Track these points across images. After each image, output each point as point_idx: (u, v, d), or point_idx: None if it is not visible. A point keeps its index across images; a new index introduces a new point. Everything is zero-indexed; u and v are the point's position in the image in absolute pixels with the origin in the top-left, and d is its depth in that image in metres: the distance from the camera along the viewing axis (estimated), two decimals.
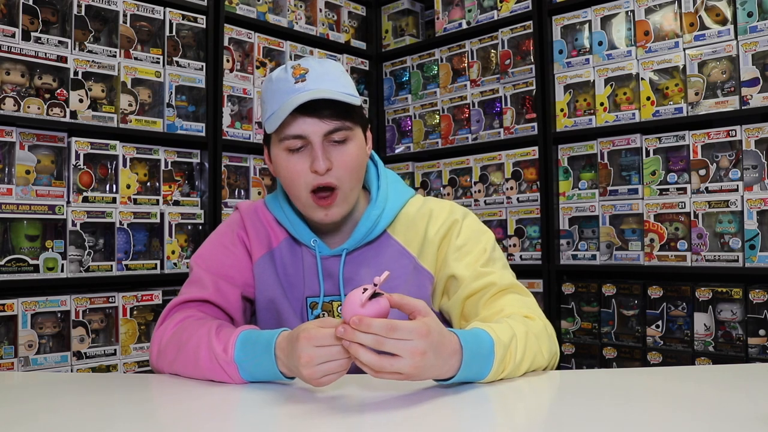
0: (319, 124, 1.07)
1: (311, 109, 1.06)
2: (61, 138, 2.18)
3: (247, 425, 0.82)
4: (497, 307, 1.09)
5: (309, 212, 1.13)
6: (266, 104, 1.12)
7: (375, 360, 0.81)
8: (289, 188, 1.13)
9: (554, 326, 2.55)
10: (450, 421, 0.80)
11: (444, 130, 3.00)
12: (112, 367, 2.22)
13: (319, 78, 1.08)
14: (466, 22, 2.95)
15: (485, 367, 0.92)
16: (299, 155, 1.09)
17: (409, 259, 1.17)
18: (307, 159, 1.08)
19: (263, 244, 1.21)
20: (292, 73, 1.09)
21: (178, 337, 1.07)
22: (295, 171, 1.09)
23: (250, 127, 2.70)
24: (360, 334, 0.81)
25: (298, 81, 1.07)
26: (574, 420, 0.79)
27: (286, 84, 1.08)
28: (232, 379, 0.99)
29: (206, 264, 1.19)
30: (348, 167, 1.10)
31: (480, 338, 0.92)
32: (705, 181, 2.26)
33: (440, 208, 1.20)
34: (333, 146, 1.09)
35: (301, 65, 1.10)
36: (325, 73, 1.10)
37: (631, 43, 2.45)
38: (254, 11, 2.76)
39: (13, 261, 2.03)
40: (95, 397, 0.97)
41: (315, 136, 1.07)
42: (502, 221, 2.77)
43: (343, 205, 1.12)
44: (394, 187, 1.22)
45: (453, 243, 1.16)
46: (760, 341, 2.10)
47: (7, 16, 2.08)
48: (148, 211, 2.35)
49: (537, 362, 1.02)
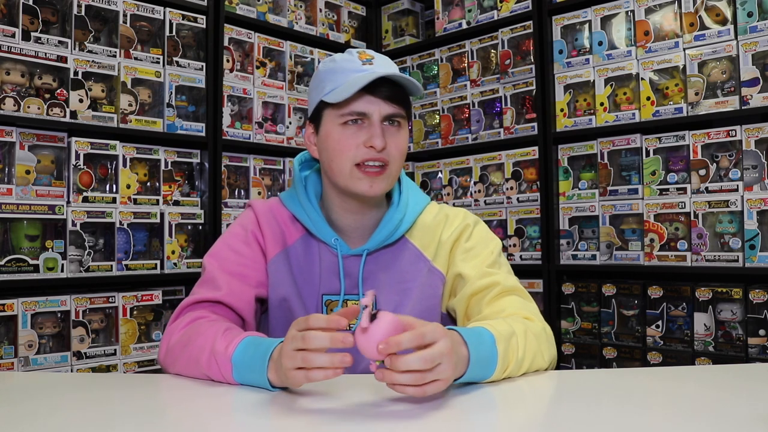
0: (382, 105, 1.12)
1: (377, 91, 1.11)
2: (61, 138, 2.18)
3: (248, 425, 0.82)
4: (498, 307, 1.11)
5: (353, 183, 1.14)
6: (326, 81, 1.15)
7: (421, 391, 0.82)
8: (334, 160, 1.15)
9: (554, 326, 2.58)
10: (450, 421, 0.80)
11: (444, 130, 3.00)
12: (112, 367, 2.22)
13: (385, 65, 1.15)
14: (466, 22, 2.95)
15: (491, 363, 0.93)
16: (354, 129, 1.13)
17: (425, 262, 1.21)
18: (362, 134, 1.12)
19: (278, 243, 1.22)
20: (358, 56, 1.14)
21: (188, 337, 1.06)
22: (348, 144, 1.12)
23: (250, 127, 2.70)
24: (399, 375, 0.80)
25: (366, 63, 1.13)
26: (574, 420, 0.79)
27: (354, 64, 1.13)
28: (224, 377, 0.98)
29: (220, 263, 1.19)
30: (399, 150, 1.16)
31: (480, 333, 0.93)
32: (705, 181, 2.26)
33: (455, 215, 1.26)
34: (388, 128, 1.14)
35: (366, 51, 1.16)
36: (388, 62, 1.17)
37: (631, 43, 2.45)
38: (254, 11, 2.76)
39: (13, 261, 2.03)
40: (95, 397, 0.97)
41: (376, 115, 1.12)
42: (502, 221, 2.77)
43: (388, 181, 1.16)
44: (414, 193, 1.27)
45: (462, 245, 1.21)
46: (760, 341, 2.10)
47: (7, 16, 2.08)
48: (148, 211, 2.35)
49: (537, 362, 1.02)
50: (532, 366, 1.02)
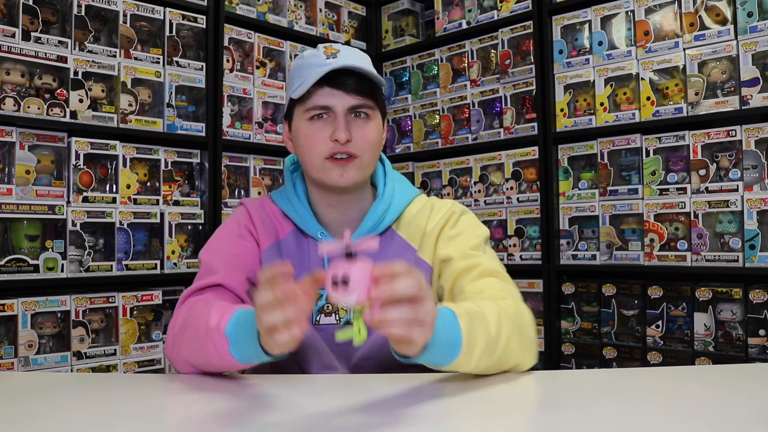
0: (344, 97, 1.12)
1: (339, 83, 1.11)
2: (61, 138, 2.17)
3: (249, 425, 0.82)
4: (477, 287, 1.09)
5: (324, 175, 1.15)
6: (294, 78, 1.17)
7: (408, 332, 0.78)
8: (305, 155, 1.16)
9: (554, 326, 2.58)
10: (449, 421, 0.80)
11: (444, 130, 3.00)
12: (112, 367, 2.22)
13: (349, 57, 1.14)
14: (466, 22, 2.95)
15: (455, 335, 0.88)
16: (321, 124, 1.14)
17: (412, 253, 1.20)
18: (328, 128, 1.13)
19: (270, 235, 1.22)
20: (324, 51, 1.15)
21: (187, 322, 1.05)
22: (315, 138, 1.13)
23: (250, 127, 2.70)
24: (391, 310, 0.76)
25: (330, 57, 1.13)
26: (574, 420, 0.79)
27: (318, 59, 1.14)
28: (221, 356, 0.95)
29: (215, 254, 1.19)
30: (368, 141, 1.15)
31: (439, 311, 0.86)
32: (705, 181, 2.26)
33: (441, 205, 1.24)
34: (354, 121, 1.14)
35: (333, 46, 1.16)
36: (355, 55, 1.17)
37: (631, 43, 2.45)
38: (254, 11, 2.76)
39: (13, 261, 2.03)
40: (95, 397, 0.97)
41: (339, 107, 1.13)
42: (502, 221, 2.77)
43: (360, 171, 1.16)
44: (400, 185, 1.26)
45: (447, 233, 1.20)
46: (760, 341, 2.10)
47: (7, 16, 2.08)
48: (148, 211, 2.35)
49: (514, 345, 0.97)
50: (512, 344, 0.96)
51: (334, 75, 1.11)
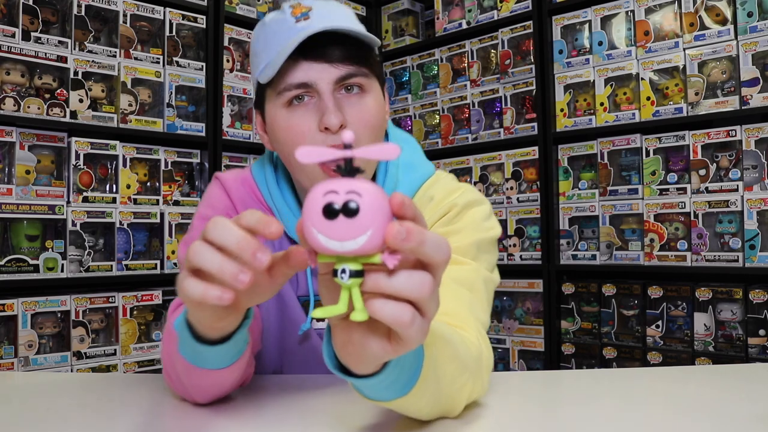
0: (328, 69, 0.85)
1: (318, 52, 0.84)
2: (61, 138, 2.18)
3: (249, 425, 0.82)
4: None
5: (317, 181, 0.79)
6: (259, 55, 0.89)
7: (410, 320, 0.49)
8: (288, 155, 0.89)
9: (554, 326, 2.58)
10: (449, 421, 0.80)
11: (444, 130, 3.00)
12: (112, 367, 2.22)
13: (326, 16, 0.86)
14: (466, 22, 2.95)
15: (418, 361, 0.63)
16: (302, 111, 0.86)
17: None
18: (314, 114, 0.85)
19: None
20: (291, 12, 0.87)
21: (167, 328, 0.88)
22: (298, 132, 0.86)
23: (250, 127, 2.70)
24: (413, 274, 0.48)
25: (300, 20, 0.85)
26: (574, 420, 0.79)
27: (284, 24, 0.86)
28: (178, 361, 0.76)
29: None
30: (367, 124, 0.87)
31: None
32: (705, 181, 2.26)
33: (444, 195, 0.97)
34: (346, 98, 0.87)
35: (302, 4, 0.87)
36: (333, 10, 0.87)
37: (631, 43, 2.45)
38: (254, 11, 2.76)
39: (13, 261, 2.03)
40: (95, 397, 0.97)
41: (324, 83, 0.85)
42: (502, 221, 2.77)
43: (363, 165, 0.75)
44: (406, 175, 0.99)
45: (437, 230, 0.94)
46: (760, 341, 2.10)
47: (7, 16, 2.08)
48: (148, 211, 2.35)
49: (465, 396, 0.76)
50: (461, 400, 0.75)
51: (311, 42, 0.82)
